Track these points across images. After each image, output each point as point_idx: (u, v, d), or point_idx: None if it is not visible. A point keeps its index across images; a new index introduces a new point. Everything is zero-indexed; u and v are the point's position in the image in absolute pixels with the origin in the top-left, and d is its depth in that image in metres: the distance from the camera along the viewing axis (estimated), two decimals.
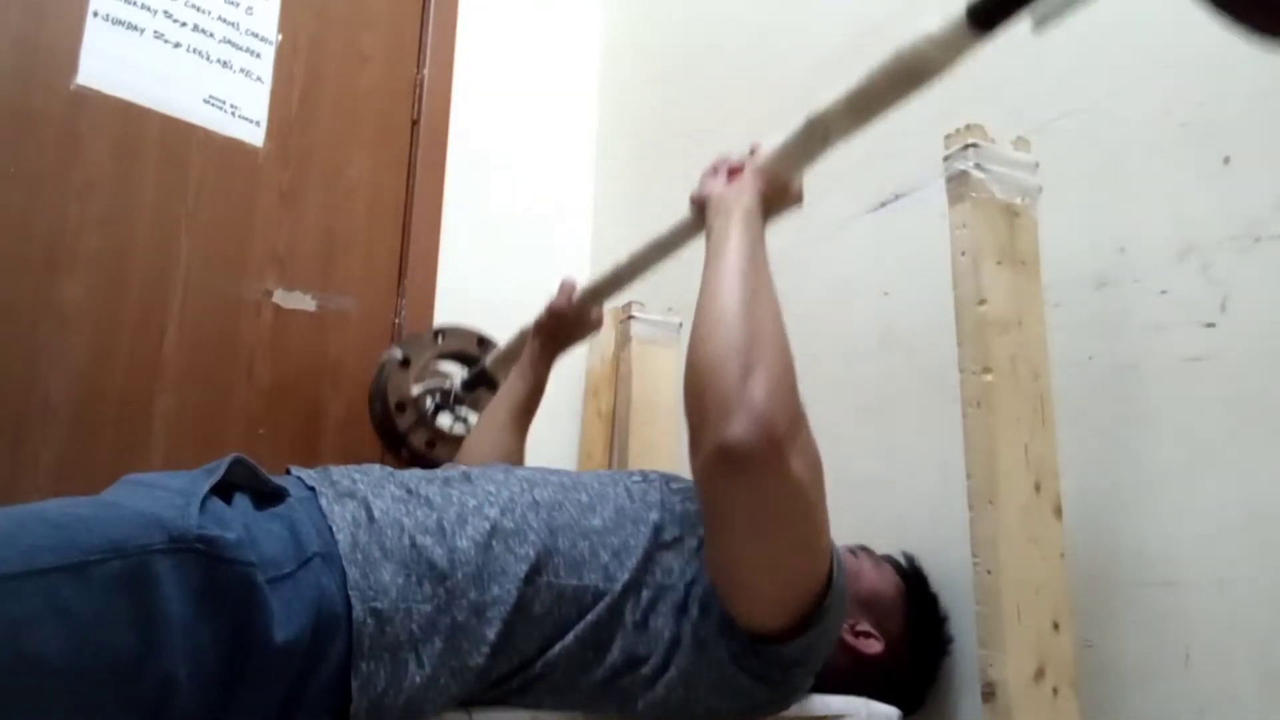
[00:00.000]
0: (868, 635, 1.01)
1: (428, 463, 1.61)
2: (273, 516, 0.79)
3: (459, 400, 1.65)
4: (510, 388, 1.39)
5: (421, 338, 1.67)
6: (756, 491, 0.75)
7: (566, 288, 1.36)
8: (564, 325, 1.37)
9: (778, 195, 0.98)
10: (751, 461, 0.73)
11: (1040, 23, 0.71)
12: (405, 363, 1.61)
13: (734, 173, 0.99)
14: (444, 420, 1.65)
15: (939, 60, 0.80)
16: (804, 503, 0.79)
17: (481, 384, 1.63)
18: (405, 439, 1.60)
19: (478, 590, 0.80)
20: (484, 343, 1.69)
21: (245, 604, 0.70)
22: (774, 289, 0.86)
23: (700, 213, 1.01)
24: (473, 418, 1.66)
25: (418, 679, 0.76)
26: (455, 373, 1.68)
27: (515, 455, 1.34)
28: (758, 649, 0.84)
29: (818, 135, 0.92)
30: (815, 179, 1.00)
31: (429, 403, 1.63)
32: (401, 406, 1.59)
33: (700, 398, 0.77)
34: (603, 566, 0.86)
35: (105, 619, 0.64)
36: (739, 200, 0.93)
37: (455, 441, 1.63)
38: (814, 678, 0.92)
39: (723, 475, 0.75)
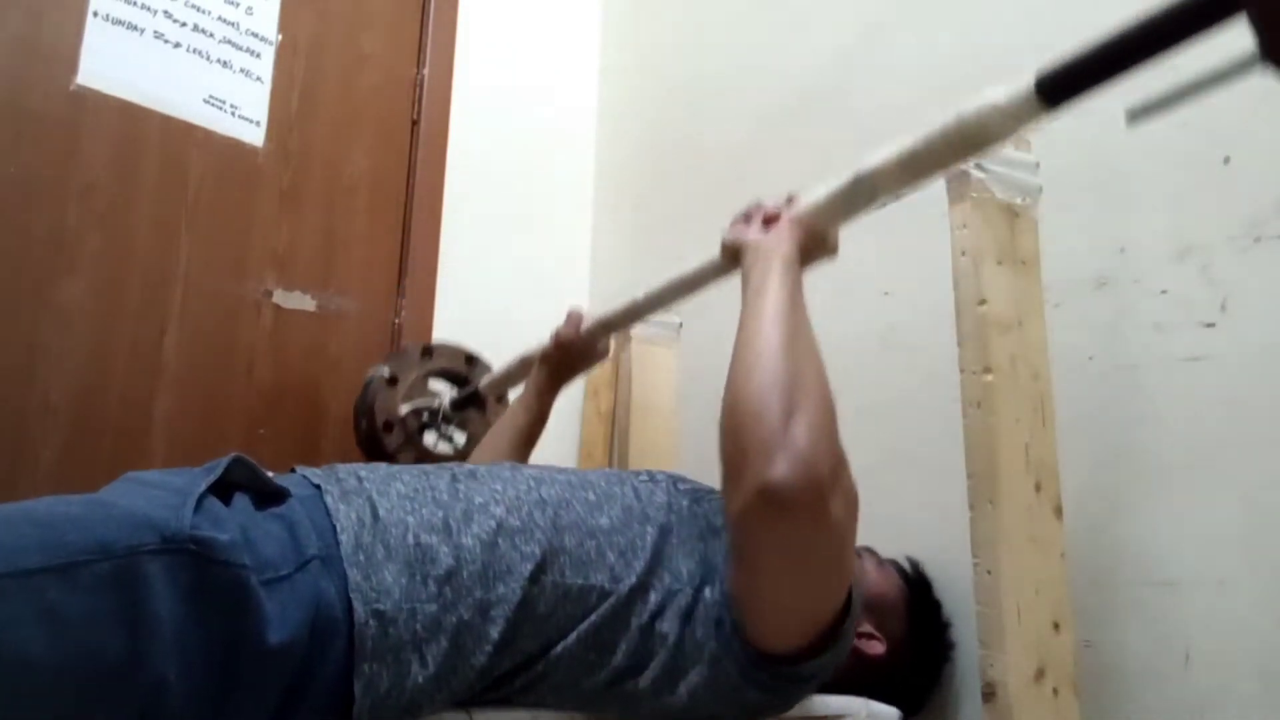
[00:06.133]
0: (870, 636, 1.01)
1: None
2: (272, 517, 0.79)
3: (446, 419, 1.63)
4: (512, 416, 1.38)
5: (408, 355, 1.65)
6: (796, 534, 0.74)
7: (574, 318, 1.34)
8: (571, 356, 1.36)
9: (815, 245, 0.96)
10: (795, 504, 0.72)
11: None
12: (392, 380, 1.59)
13: (769, 220, 0.97)
14: (429, 439, 1.63)
15: (1001, 130, 0.76)
16: (839, 545, 0.79)
17: (472, 404, 1.61)
18: (393, 459, 1.58)
19: (483, 589, 0.80)
20: (473, 361, 1.67)
21: (238, 606, 0.69)
22: (814, 335, 0.84)
23: (732, 258, 0.98)
24: (459, 437, 1.65)
25: (420, 679, 0.76)
26: (444, 391, 1.66)
27: None
28: (771, 667, 0.83)
29: (864, 192, 0.89)
30: (815, 178, 1.00)
31: (414, 422, 1.61)
32: (389, 426, 1.57)
33: (741, 438, 0.75)
34: (609, 566, 0.85)
35: (93, 620, 0.64)
36: (778, 249, 0.91)
37: (442, 461, 1.61)
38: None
39: (764, 517, 0.73)
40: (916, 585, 1.08)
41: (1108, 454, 1.01)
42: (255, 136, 1.74)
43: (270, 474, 0.85)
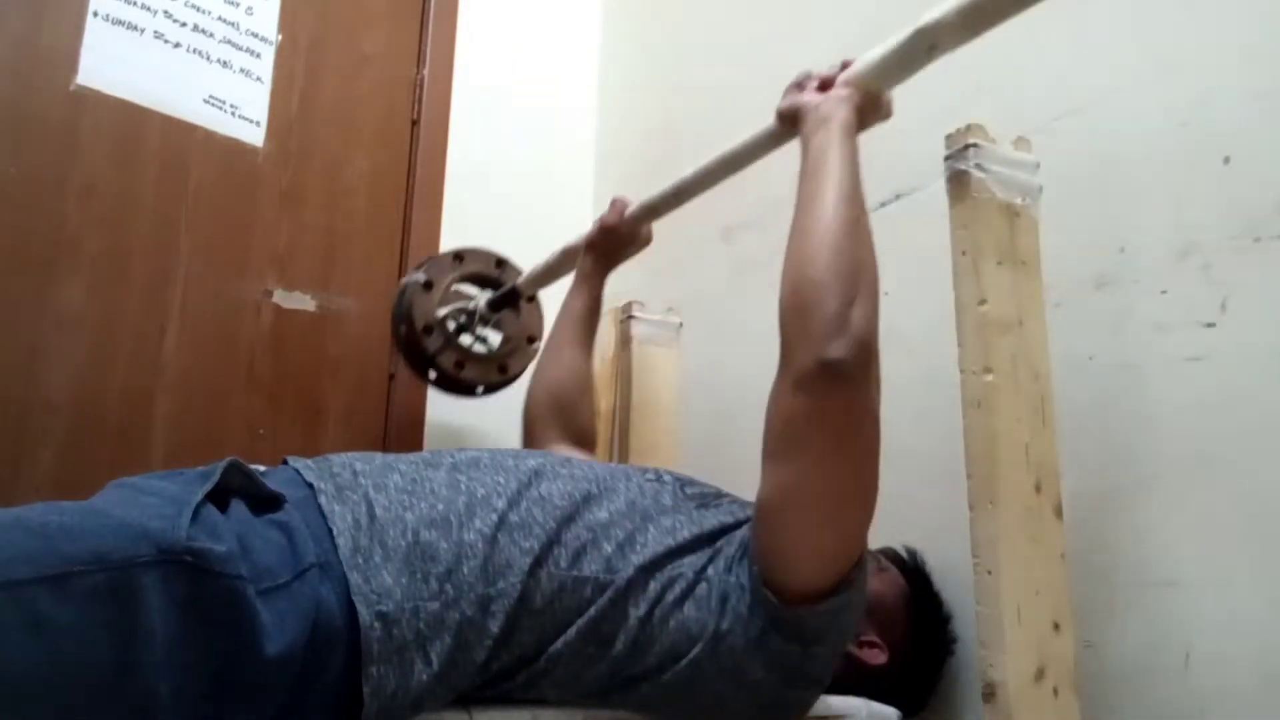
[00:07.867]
0: (872, 645, 1.00)
1: (457, 383, 1.64)
2: (270, 523, 0.78)
3: (483, 320, 1.65)
4: (568, 307, 1.40)
5: (441, 261, 1.69)
6: (843, 405, 0.82)
7: (619, 205, 1.36)
8: (615, 241, 1.38)
9: (870, 108, 0.97)
10: (850, 377, 0.81)
11: None
12: (428, 285, 1.62)
13: (824, 85, 0.98)
14: (465, 340, 1.66)
15: None
16: (875, 428, 0.86)
17: (508, 303, 1.64)
18: (434, 360, 1.61)
19: (484, 584, 0.80)
20: (503, 264, 1.71)
21: (233, 618, 0.68)
22: (867, 211, 0.90)
23: (789, 124, 1.01)
24: (494, 337, 1.67)
25: (425, 677, 0.76)
26: (476, 294, 1.68)
27: (586, 373, 1.37)
28: (779, 623, 0.82)
29: (922, 47, 0.89)
30: None
31: (452, 324, 1.64)
32: (429, 329, 1.61)
33: (806, 316, 0.83)
34: (605, 558, 0.85)
35: (84, 632, 0.63)
36: (836, 113, 0.94)
37: (482, 361, 1.65)
38: (822, 689, 0.91)
39: (820, 385, 0.81)
40: (916, 579, 1.08)
41: (1108, 454, 1.01)
42: (255, 136, 1.74)
43: (262, 467, 0.84)
